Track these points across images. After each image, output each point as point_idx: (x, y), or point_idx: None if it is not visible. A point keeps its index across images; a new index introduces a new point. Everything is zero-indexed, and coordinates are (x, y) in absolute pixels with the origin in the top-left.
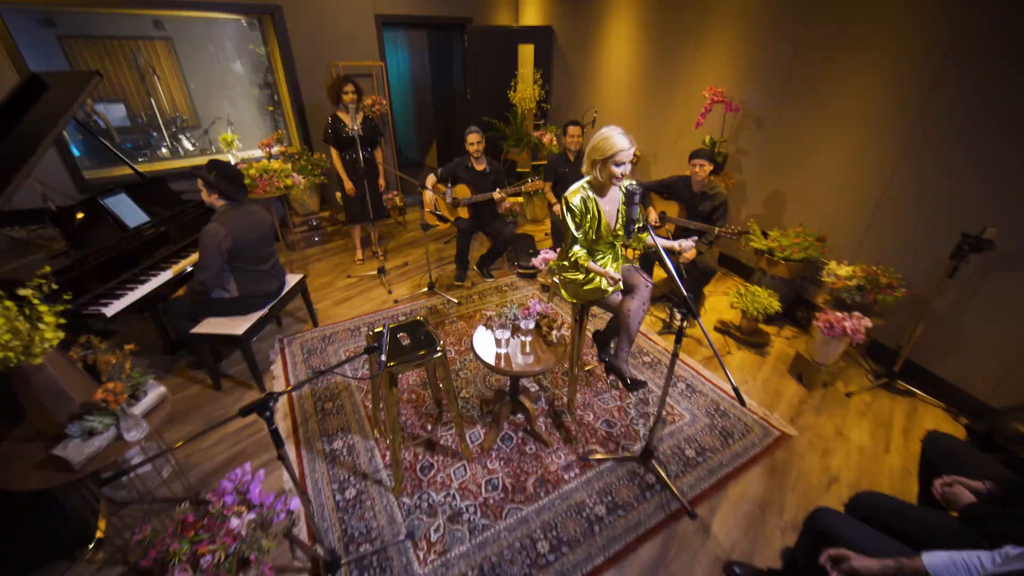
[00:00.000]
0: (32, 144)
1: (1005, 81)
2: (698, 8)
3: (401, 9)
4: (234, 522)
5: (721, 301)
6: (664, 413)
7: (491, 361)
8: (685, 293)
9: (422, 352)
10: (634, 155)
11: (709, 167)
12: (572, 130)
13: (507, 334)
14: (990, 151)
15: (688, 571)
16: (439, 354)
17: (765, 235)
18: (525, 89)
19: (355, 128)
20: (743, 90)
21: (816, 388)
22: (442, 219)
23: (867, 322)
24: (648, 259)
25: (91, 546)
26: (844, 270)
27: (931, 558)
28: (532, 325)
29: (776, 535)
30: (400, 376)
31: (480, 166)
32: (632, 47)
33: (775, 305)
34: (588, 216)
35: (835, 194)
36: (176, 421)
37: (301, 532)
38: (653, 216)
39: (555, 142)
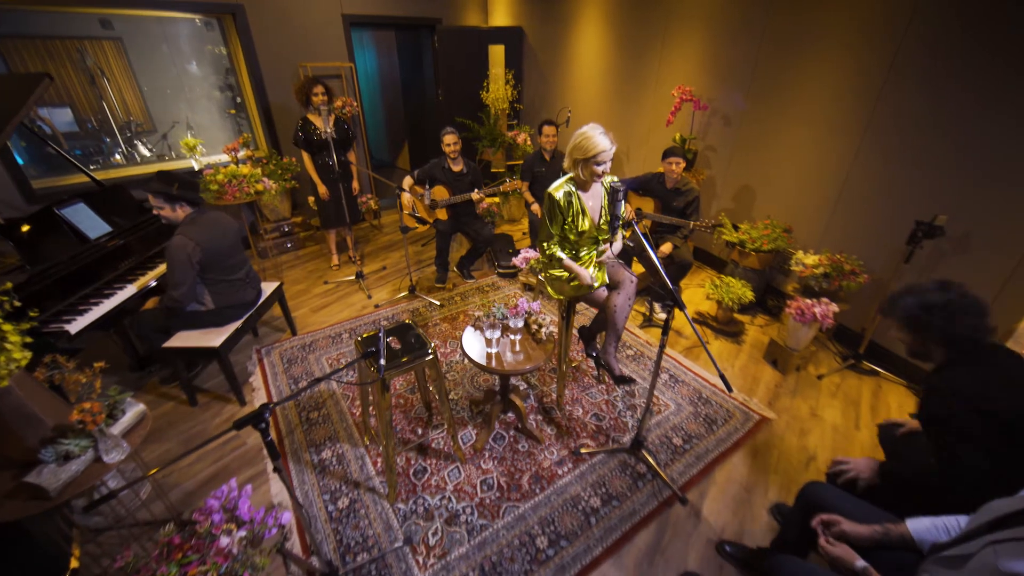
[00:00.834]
0: None
1: (955, 72)
2: (664, 8)
3: (369, 9)
4: (224, 540)
5: (697, 293)
6: (651, 404)
7: (482, 361)
8: (670, 285)
9: (414, 355)
10: None
11: (682, 164)
12: (547, 130)
13: (497, 333)
14: (941, 140)
15: (683, 554)
16: (431, 356)
17: (736, 228)
18: (497, 89)
19: (327, 131)
20: (710, 88)
21: (790, 372)
22: (421, 221)
23: (835, 307)
24: (627, 254)
25: None
26: (811, 259)
27: (915, 524)
28: (521, 323)
29: (763, 514)
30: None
31: (457, 167)
32: (601, 47)
33: (748, 295)
34: (571, 211)
35: (800, 185)
36: (151, 440)
37: (294, 546)
38: (629, 212)
39: (529, 142)
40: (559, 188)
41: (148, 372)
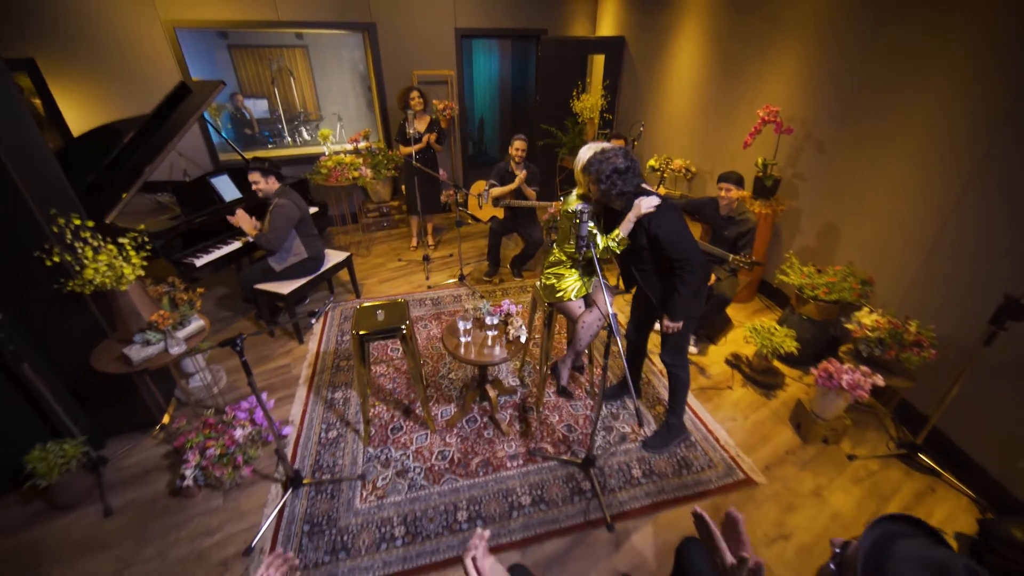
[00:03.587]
0: (173, 132)
1: None
2: (768, 18)
3: (480, 23)
4: (237, 432)
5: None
6: (630, 430)
7: (451, 348)
8: (611, 323)
9: (389, 328)
10: (689, 170)
11: (737, 191)
12: (616, 143)
13: (468, 325)
14: None
15: (583, 572)
16: (403, 332)
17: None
18: (588, 98)
19: (412, 131)
20: (805, 109)
21: (813, 442)
22: (475, 219)
23: (878, 380)
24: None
25: (158, 427)
26: (869, 319)
27: None
28: (495, 321)
29: None
30: (399, 347)
31: (519, 172)
32: (699, 59)
33: (789, 345)
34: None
35: (888, 233)
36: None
37: (289, 454)
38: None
39: None
40: (572, 203)
41: (253, 304)
